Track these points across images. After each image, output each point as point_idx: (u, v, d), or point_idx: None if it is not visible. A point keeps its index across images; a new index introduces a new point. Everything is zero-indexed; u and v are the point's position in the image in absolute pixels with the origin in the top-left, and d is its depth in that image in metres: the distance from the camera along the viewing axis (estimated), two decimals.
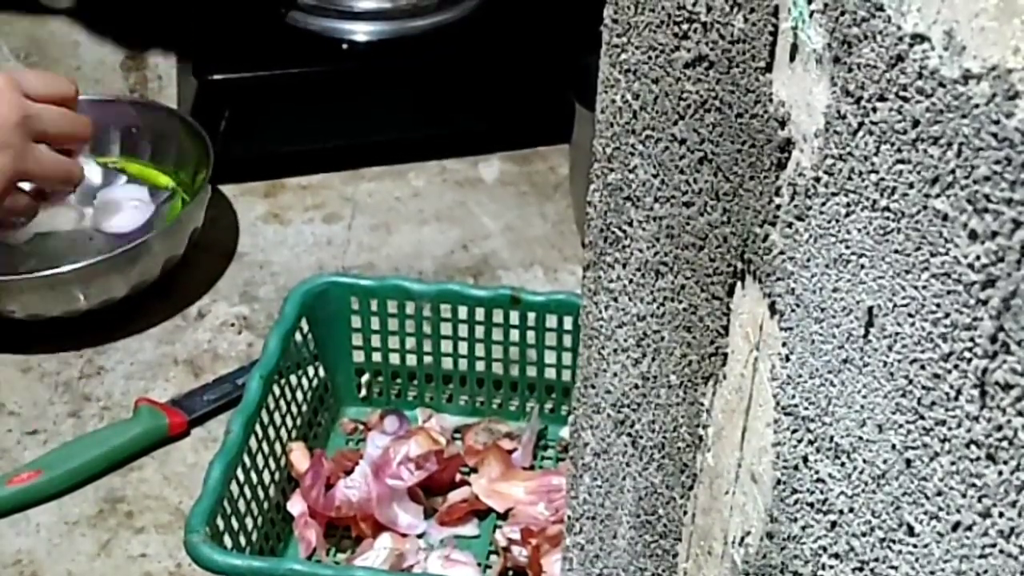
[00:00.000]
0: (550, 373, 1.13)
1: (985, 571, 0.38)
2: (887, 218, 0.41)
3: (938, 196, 0.38)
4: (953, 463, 0.39)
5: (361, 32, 1.45)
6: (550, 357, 1.12)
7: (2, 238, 1.22)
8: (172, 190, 1.34)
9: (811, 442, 0.47)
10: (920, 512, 0.41)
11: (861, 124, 0.41)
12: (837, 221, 0.43)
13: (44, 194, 1.21)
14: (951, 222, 0.37)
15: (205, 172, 1.29)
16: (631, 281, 0.61)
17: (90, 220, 1.28)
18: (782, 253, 0.48)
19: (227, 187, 1.40)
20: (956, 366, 0.38)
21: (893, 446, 0.42)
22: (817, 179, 0.44)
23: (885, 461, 0.42)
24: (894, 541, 0.42)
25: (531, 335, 1.12)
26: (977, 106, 0.35)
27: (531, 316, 1.11)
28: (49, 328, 1.22)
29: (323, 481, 1.03)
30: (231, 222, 1.37)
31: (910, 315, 0.40)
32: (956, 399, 0.38)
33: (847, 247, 0.43)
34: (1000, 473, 0.37)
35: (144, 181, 1.35)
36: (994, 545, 0.37)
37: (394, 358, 1.15)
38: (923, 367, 0.40)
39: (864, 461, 0.44)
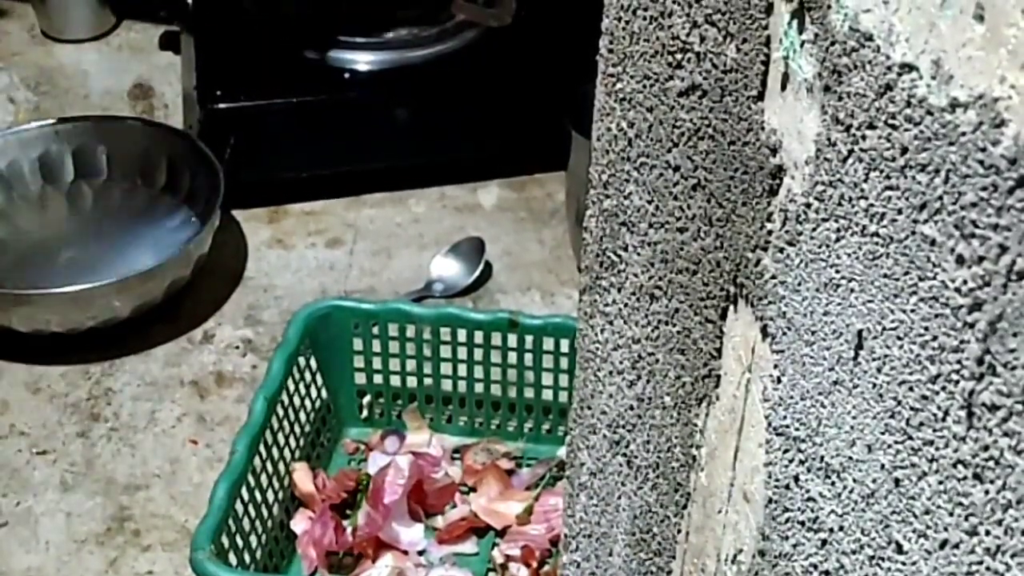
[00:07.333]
0: (547, 394, 1.14)
1: None
2: (876, 243, 0.41)
3: (926, 222, 0.38)
4: (941, 482, 0.39)
5: (363, 62, 1.46)
6: (547, 379, 1.13)
7: None
8: None
9: (802, 462, 0.47)
10: (909, 530, 0.41)
11: (851, 151, 0.42)
12: (827, 246, 0.44)
13: None
14: (939, 247, 0.38)
15: (216, 198, 1.30)
16: (626, 305, 0.61)
17: None
18: (774, 277, 0.48)
19: (232, 213, 1.41)
20: (944, 388, 0.38)
21: (882, 466, 0.42)
22: (808, 205, 0.45)
23: (874, 480, 0.43)
24: (883, 559, 0.43)
25: (529, 357, 1.12)
26: (964, 134, 0.36)
27: (529, 339, 1.12)
28: (58, 349, 1.24)
29: (331, 526, 1.04)
30: (236, 247, 1.38)
31: (899, 338, 0.40)
32: (944, 420, 0.39)
33: (837, 271, 0.44)
34: (987, 492, 0.37)
35: None
36: (981, 563, 0.38)
37: (395, 380, 1.15)
38: (911, 389, 0.40)
39: (854, 480, 0.44)
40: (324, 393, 1.14)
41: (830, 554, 0.46)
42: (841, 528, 0.45)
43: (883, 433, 0.42)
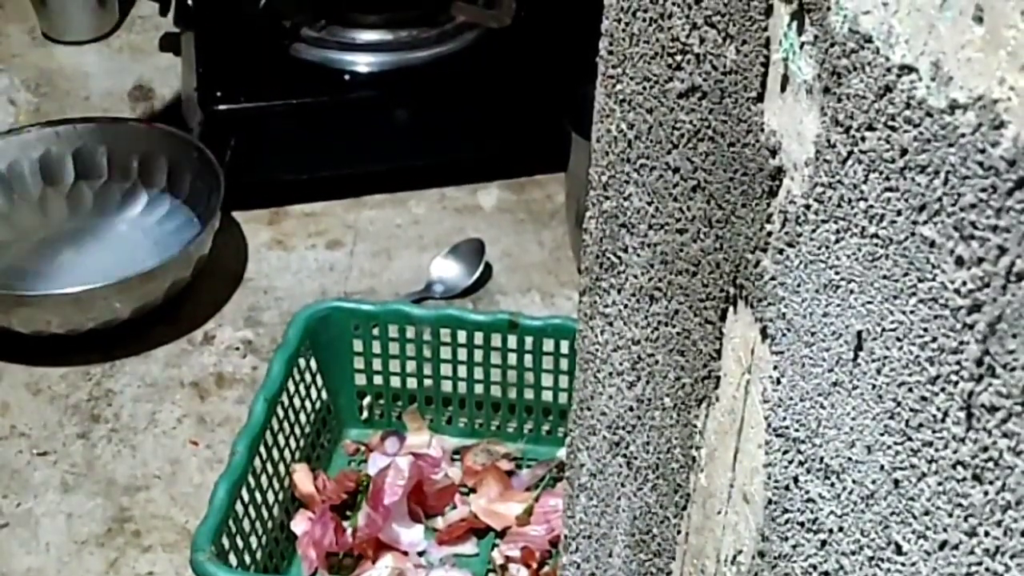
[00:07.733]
0: (547, 396, 1.14)
1: None
2: (876, 244, 0.41)
3: (925, 223, 0.38)
4: (940, 483, 0.39)
5: (363, 64, 1.46)
6: (547, 380, 1.13)
7: None
8: None
9: (801, 463, 0.47)
10: (908, 531, 0.41)
11: (850, 153, 0.42)
12: (827, 247, 0.44)
13: None
14: (938, 248, 0.38)
15: (216, 199, 1.31)
16: (626, 306, 0.61)
17: None
18: (773, 279, 0.48)
19: (232, 214, 1.41)
20: (943, 389, 0.38)
21: (882, 467, 0.42)
22: (807, 207, 0.45)
23: (874, 481, 0.43)
24: (883, 559, 0.43)
25: (528, 359, 1.12)
26: (963, 135, 0.36)
27: (528, 340, 1.12)
28: (59, 350, 1.24)
29: (331, 527, 1.04)
30: (237, 248, 1.38)
31: (898, 339, 0.40)
32: (943, 421, 0.39)
33: (837, 273, 0.44)
34: (986, 493, 0.37)
35: None
36: (980, 563, 0.38)
37: (395, 381, 1.15)
38: (911, 390, 0.40)
39: (853, 481, 0.44)
40: (324, 394, 1.14)
41: (830, 555, 0.46)
42: (841, 529, 0.45)
43: (882, 434, 0.42)
